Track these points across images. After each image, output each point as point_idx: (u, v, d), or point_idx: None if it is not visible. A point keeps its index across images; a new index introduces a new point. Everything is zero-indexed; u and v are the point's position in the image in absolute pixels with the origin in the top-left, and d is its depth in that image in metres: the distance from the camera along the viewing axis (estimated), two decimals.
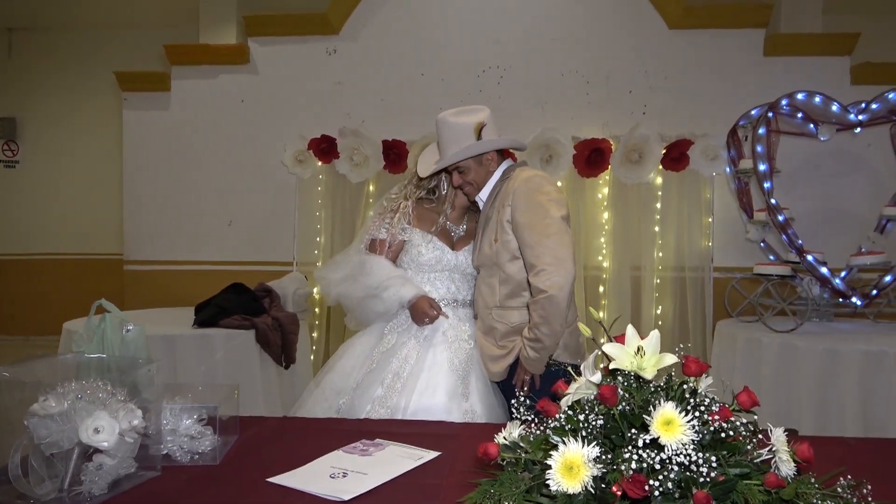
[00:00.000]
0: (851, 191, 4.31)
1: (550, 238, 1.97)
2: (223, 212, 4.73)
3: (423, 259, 2.25)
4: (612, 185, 4.26)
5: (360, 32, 4.60)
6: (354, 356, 2.22)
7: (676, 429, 1.13)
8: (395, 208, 2.31)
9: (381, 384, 2.10)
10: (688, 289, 4.25)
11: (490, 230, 2.15)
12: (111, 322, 1.64)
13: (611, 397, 1.18)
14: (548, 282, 1.93)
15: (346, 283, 2.22)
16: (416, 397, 2.05)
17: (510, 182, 2.14)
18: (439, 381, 2.09)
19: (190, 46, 4.73)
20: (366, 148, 4.25)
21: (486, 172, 2.21)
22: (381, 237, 2.28)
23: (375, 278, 2.18)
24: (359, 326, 2.32)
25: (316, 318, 4.50)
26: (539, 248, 1.97)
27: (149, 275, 4.75)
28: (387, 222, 2.29)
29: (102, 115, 6.26)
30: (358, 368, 2.18)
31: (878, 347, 3.00)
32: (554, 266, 1.93)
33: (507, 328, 2.12)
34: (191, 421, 1.48)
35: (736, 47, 4.36)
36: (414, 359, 2.14)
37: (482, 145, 2.14)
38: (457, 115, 2.15)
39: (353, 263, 2.26)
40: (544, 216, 2.00)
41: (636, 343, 1.23)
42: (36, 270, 6.72)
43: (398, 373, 2.11)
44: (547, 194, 2.05)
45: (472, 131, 2.12)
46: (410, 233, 2.28)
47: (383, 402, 2.06)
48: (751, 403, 1.23)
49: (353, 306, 2.27)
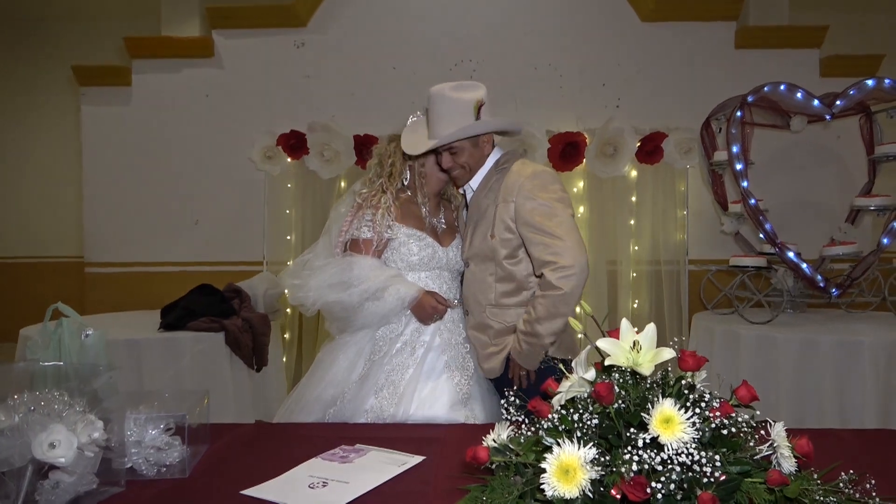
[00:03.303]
0: (821, 182, 4.36)
1: (566, 238, 1.89)
2: (189, 211, 4.58)
3: (414, 258, 2.09)
4: (587, 179, 4.24)
5: (328, 25, 4.49)
6: (342, 364, 2.07)
7: (676, 427, 1.08)
8: (374, 204, 2.10)
9: (375, 394, 1.98)
10: (664, 282, 4.26)
11: (485, 224, 2.03)
12: (69, 327, 1.53)
13: (607, 395, 1.12)
14: (566, 280, 1.85)
15: (335, 291, 2.01)
16: (415, 407, 1.94)
17: (510, 176, 2.00)
18: (439, 390, 1.99)
19: (151, 39, 4.56)
20: (336, 143, 4.15)
21: (481, 156, 2.07)
22: (365, 236, 2.09)
23: (373, 282, 2.01)
24: (343, 332, 2.14)
25: (288, 318, 4.39)
26: (556, 247, 1.89)
27: (111, 277, 4.57)
28: (368, 220, 2.09)
29: (59, 111, 6.01)
30: (346, 378, 2.04)
31: (854, 337, 3.02)
32: (574, 266, 1.86)
33: (502, 326, 2.03)
34: (157, 431, 1.39)
35: (707, 40, 4.38)
36: (409, 366, 2.02)
37: (481, 125, 2.00)
38: (456, 89, 1.98)
39: (336, 267, 2.04)
40: (555, 215, 1.92)
41: (631, 337, 1.18)
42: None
43: (393, 381, 1.99)
44: (555, 192, 1.96)
45: (472, 109, 1.96)
46: (397, 230, 2.11)
47: (378, 413, 1.94)
48: (750, 398, 1.19)
49: (346, 314, 2.06)
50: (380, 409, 1.94)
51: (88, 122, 4.58)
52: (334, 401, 2.00)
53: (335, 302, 2.01)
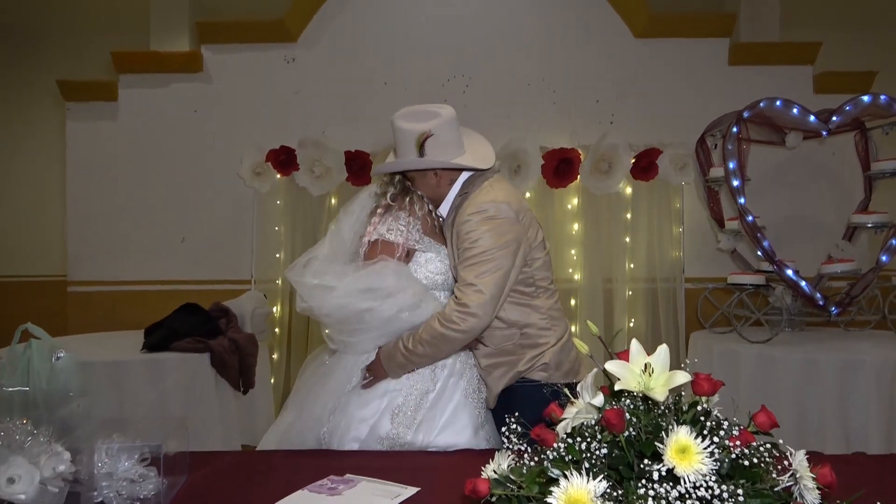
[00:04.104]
0: (816, 199, 4.32)
1: (487, 268, 1.74)
2: (175, 228, 4.47)
3: (439, 278, 1.92)
4: (582, 196, 4.19)
5: (319, 40, 4.43)
6: (339, 377, 1.88)
7: (693, 457, 1.00)
8: (410, 210, 1.91)
9: (392, 419, 1.80)
10: (660, 300, 4.18)
11: (451, 255, 1.91)
12: (38, 349, 1.43)
13: (618, 423, 1.03)
14: (465, 320, 1.71)
15: (366, 298, 1.77)
16: (436, 433, 1.79)
17: (467, 203, 1.83)
18: (459, 416, 1.84)
19: (139, 54, 4.49)
20: (327, 159, 4.08)
21: (433, 190, 1.93)
22: (393, 240, 1.87)
23: (412, 292, 1.81)
24: (347, 349, 1.90)
25: (276, 339, 4.27)
26: (474, 271, 1.74)
27: (95, 296, 4.44)
28: (402, 224, 1.88)
29: (44, 126, 5.89)
30: (342, 388, 1.87)
31: (856, 356, 2.96)
32: (480, 306, 1.71)
33: (488, 350, 1.90)
34: (131, 462, 1.29)
35: (701, 56, 4.36)
36: (430, 390, 1.85)
37: (416, 162, 1.85)
38: (405, 118, 1.85)
39: (370, 273, 1.80)
40: (484, 246, 1.75)
41: (642, 360, 1.10)
42: None
43: (398, 405, 1.82)
44: (491, 221, 1.77)
45: (413, 143, 1.83)
46: (427, 244, 1.92)
47: (395, 440, 1.77)
48: (770, 424, 1.11)
49: (369, 327, 1.81)
50: (396, 437, 1.78)
51: (74, 137, 4.48)
52: (328, 416, 1.83)
53: (366, 310, 1.77)
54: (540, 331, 1.89)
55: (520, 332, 1.88)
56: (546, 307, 1.91)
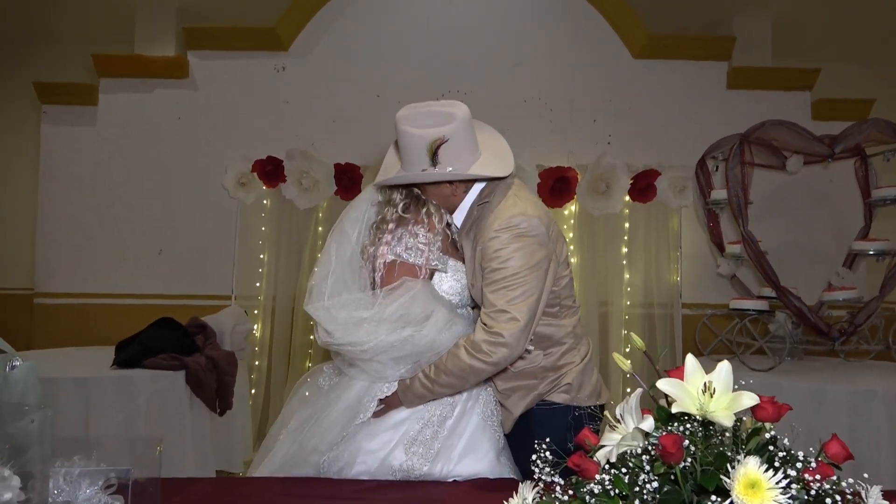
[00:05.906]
0: (815, 226, 4.26)
1: (519, 293, 1.56)
2: (153, 239, 4.26)
3: (456, 298, 1.77)
4: (578, 216, 4.07)
5: (311, 49, 4.31)
6: (349, 406, 1.68)
7: (765, 494, 0.85)
8: (429, 224, 1.72)
9: (406, 450, 1.62)
10: (657, 326, 4.06)
11: (471, 270, 1.71)
12: None
13: (676, 452, 0.88)
14: (496, 350, 1.54)
15: (401, 325, 1.61)
16: (455, 464, 1.61)
17: (493, 217, 1.63)
18: (479, 441, 1.66)
19: (121, 57, 4.31)
20: (316, 171, 3.93)
21: (446, 199, 1.73)
22: (413, 261, 1.69)
23: (443, 312, 1.65)
24: (369, 376, 1.70)
25: (256, 357, 4.06)
26: (505, 296, 1.56)
27: (63, 309, 4.20)
28: (422, 242, 1.69)
29: (19, 128, 5.64)
30: (350, 423, 1.66)
31: (867, 387, 2.85)
32: (514, 335, 1.54)
33: (507, 373, 1.72)
34: (93, 489, 1.12)
35: (699, 79, 4.31)
36: (448, 416, 1.67)
37: (431, 175, 1.63)
38: (415, 120, 1.61)
39: (398, 296, 1.63)
40: (515, 268, 1.57)
41: (700, 378, 0.95)
42: None
43: (415, 433, 1.63)
44: (522, 239, 1.58)
45: (426, 152, 1.60)
46: (445, 262, 1.74)
47: (409, 472, 1.58)
48: (844, 457, 0.96)
49: (405, 354, 1.63)
50: (411, 468, 1.58)
51: (48, 141, 4.28)
52: (331, 446, 1.63)
53: (407, 338, 1.60)
54: (565, 353, 1.73)
55: (543, 354, 1.71)
56: (571, 326, 1.75)
